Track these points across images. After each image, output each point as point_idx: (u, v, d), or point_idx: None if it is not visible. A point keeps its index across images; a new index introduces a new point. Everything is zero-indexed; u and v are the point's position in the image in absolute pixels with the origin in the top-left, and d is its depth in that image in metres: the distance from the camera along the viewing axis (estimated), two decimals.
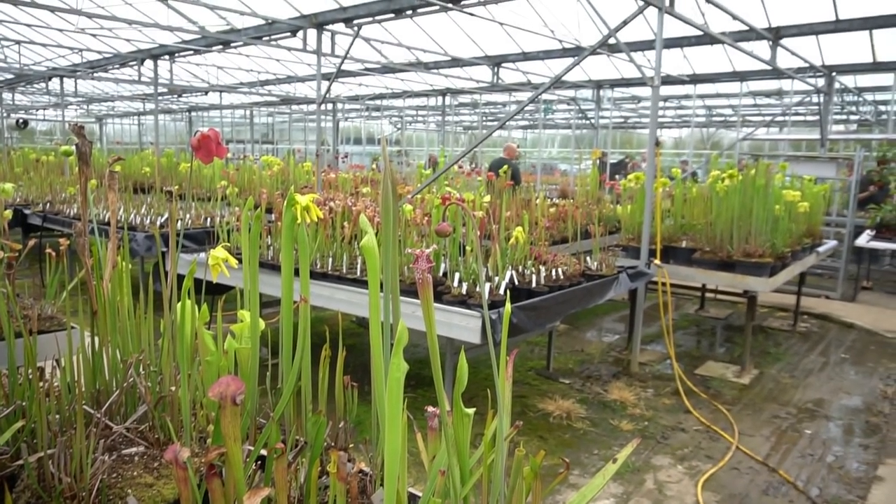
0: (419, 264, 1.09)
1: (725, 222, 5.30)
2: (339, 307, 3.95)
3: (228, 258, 1.64)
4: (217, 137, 1.35)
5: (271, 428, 1.23)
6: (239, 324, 1.45)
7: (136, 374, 1.57)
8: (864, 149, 11.01)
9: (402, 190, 7.14)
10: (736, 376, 5.19)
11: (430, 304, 1.06)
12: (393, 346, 0.91)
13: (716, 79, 12.35)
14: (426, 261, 1.09)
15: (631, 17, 5.29)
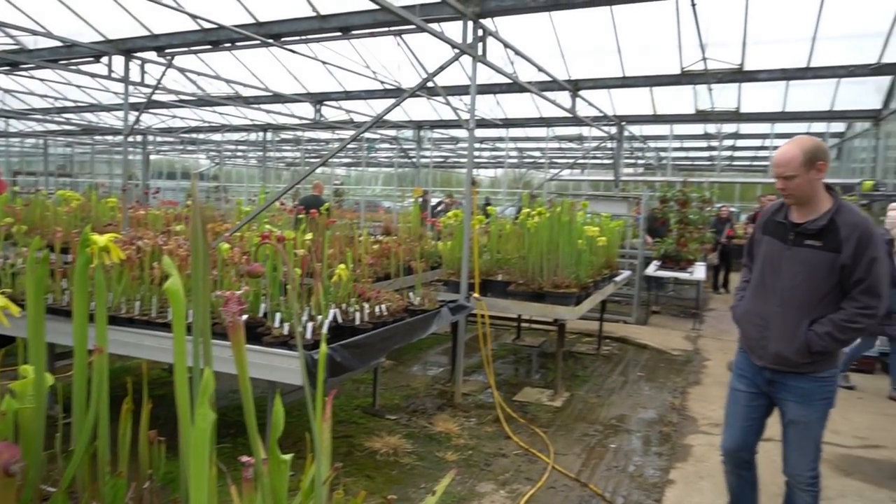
0: (229, 307, 1.05)
1: (536, 256, 5.70)
2: (147, 355, 3.64)
3: (8, 305, 1.46)
4: None
5: (58, 498, 1.10)
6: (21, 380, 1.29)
7: None
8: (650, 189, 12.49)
9: (220, 228, 6.82)
10: (550, 400, 5.54)
11: (242, 348, 1.02)
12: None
13: (526, 123, 13.37)
14: (237, 303, 1.05)
15: (447, 64, 5.58)
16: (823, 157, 2.66)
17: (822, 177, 2.67)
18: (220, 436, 4.29)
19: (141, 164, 17.92)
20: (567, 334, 7.01)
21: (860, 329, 2.63)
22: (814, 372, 2.74)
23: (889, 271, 2.60)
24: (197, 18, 7.03)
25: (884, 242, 2.57)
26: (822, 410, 2.80)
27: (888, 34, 7.26)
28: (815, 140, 2.71)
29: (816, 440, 2.81)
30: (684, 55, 8.18)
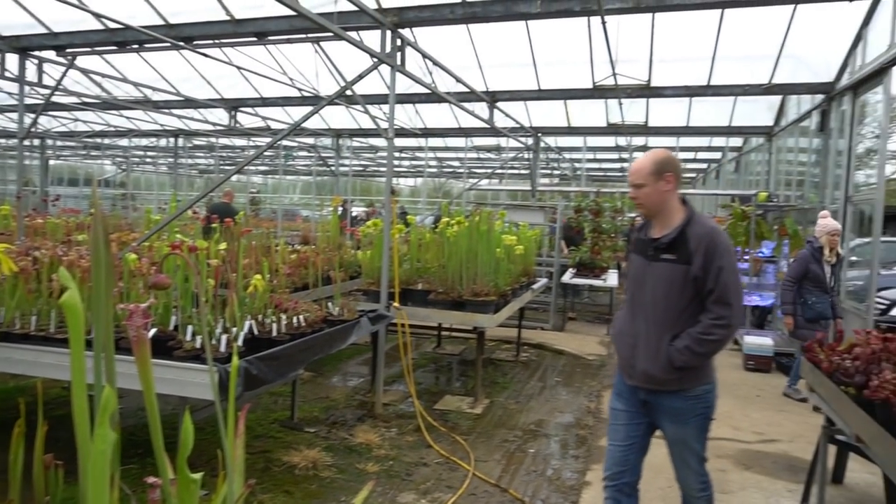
0: (134, 320, 1.00)
1: (455, 265, 5.75)
2: (46, 373, 3.42)
3: None
4: None
5: None
6: None
7: None
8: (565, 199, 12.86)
9: (128, 237, 6.50)
10: (470, 407, 5.58)
11: (147, 363, 0.98)
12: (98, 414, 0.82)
13: (445, 133, 13.50)
14: (142, 316, 1.01)
15: (366, 72, 5.56)
16: (672, 170, 2.71)
17: (671, 189, 2.72)
18: (127, 456, 4.07)
19: (39, 170, 16.84)
20: (486, 342, 7.10)
21: (717, 341, 2.60)
22: (683, 390, 2.70)
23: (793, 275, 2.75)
24: (101, 17, 6.70)
25: (731, 251, 2.62)
26: (697, 427, 2.76)
27: (777, 58, 7.82)
28: (668, 153, 2.79)
29: (698, 454, 2.79)
30: (596, 70, 8.50)
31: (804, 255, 5.97)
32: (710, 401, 2.76)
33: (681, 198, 2.78)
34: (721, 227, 2.71)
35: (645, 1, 5.39)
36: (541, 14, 5.74)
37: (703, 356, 2.63)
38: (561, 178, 19.73)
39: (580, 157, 15.89)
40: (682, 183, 2.81)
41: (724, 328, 2.58)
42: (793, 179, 9.28)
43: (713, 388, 2.78)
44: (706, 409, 2.75)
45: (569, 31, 7.87)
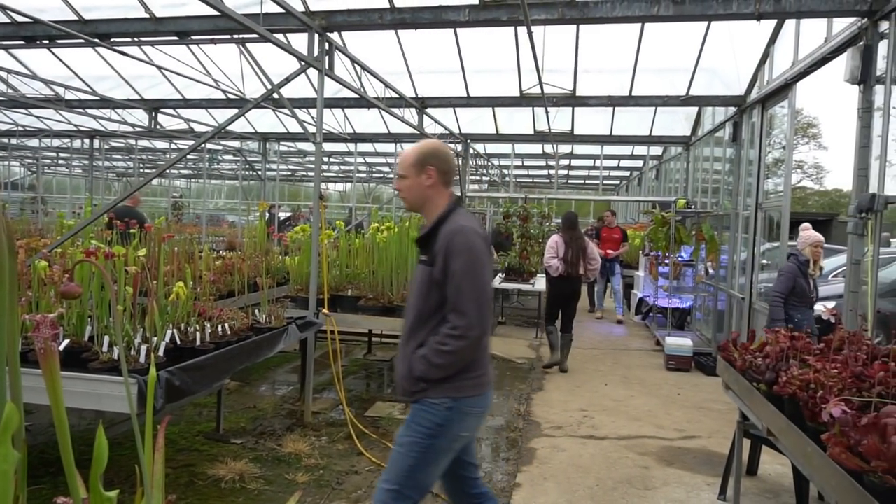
0: (41, 331, 0.95)
1: (385, 271, 5.73)
2: None
3: None
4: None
5: None
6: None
7: None
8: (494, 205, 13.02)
9: (38, 243, 6.14)
10: (402, 413, 5.56)
11: (56, 377, 0.92)
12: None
13: (374, 139, 13.44)
14: (50, 327, 0.95)
15: (293, 76, 5.47)
16: (435, 162, 2.49)
17: (433, 183, 2.50)
18: (37, 475, 3.84)
19: None
20: None
21: (451, 352, 2.32)
22: (425, 399, 2.43)
23: (782, 290, 2.58)
24: (6, 9, 6.32)
25: (472, 252, 2.34)
26: (417, 435, 2.40)
27: (693, 71, 8.20)
28: (436, 145, 2.58)
29: (398, 475, 2.40)
30: (524, 79, 8.66)
31: (791, 269, 5.58)
32: (442, 418, 2.39)
33: (451, 195, 2.55)
34: (472, 227, 2.41)
35: (569, 13, 5.55)
36: (469, 22, 5.82)
37: (439, 367, 2.34)
38: (490, 184, 19.99)
39: (508, 163, 16.15)
40: (451, 180, 2.58)
41: (456, 339, 2.30)
42: (709, 187, 9.74)
43: (456, 409, 2.40)
44: (436, 425, 2.38)
45: (497, 40, 7.99)
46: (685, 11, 5.36)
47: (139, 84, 10.35)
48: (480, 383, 2.47)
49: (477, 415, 2.49)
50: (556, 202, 13.42)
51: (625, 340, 9.55)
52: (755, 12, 5.17)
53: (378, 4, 5.96)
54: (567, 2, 5.50)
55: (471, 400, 2.43)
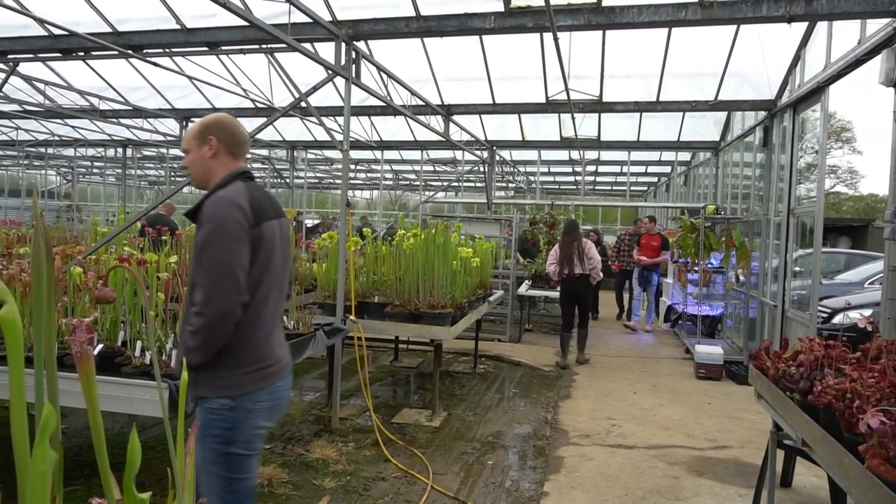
0: (77, 335, 0.96)
1: (412, 277, 5.74)
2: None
3: None
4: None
5: None
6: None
7: None
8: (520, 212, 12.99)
9: (73, 250, 6.28)
10: (428, 420, 5.56)
11: (92, 380, 0.94)
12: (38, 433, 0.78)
13: (400, 146, 13.51)
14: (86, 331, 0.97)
15: (320, 84, 5.53)
16: (217, 133, 2.32)
17: (215, 154, 2.33)
18: (73, 477, 3.91)
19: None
20: (444, 354, 7.10)
21: (195, 332, 2.10)
22: (202, 398, 2.20)
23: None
24: (45, 23, 6.50)
25: (221, 222, 2.12)
26: (213, 451, 2.18)
27: (722, 75, 8.10)
28: (221, 116, 2.39)
29: (223, 486, 2.20)
30: (550, 85, 8.64)
31: None
32: (228, 421, 2.18)
33: (237, 168, 2.35)
34: (231, 197, 2.18)
35: (595, 19, 5.52)
36: (495, 29, 5.83)
37: (193, 351, 2.12)
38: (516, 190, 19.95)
39: (535, 170, 16.11)
40: (238, 151, 2.39)
41: (196, 316, 2.10)
42: (739, 192, 9.59)
43: (239, 408, 2.20)
44: (225, 430, 2.18)
45: (523, 47, 7.99)
46: (713, 15, 5.31)
47: (170, 94, 10.56)
48: (263, 376, 2.25)
49: (268, 408, 2.28)
50: (583, 208, 13.35)
51: (653, 348, 9.43)
52: (786, 15, 5.09)
53: (404, 13, 6.01)
54: (593, 8, 5.48)
55: (254, 395, 2.21)
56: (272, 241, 2.27)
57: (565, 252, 8.03)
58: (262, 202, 2.27)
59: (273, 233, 2.29)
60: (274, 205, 2.39)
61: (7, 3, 5.54)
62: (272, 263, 2.27)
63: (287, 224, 2.49)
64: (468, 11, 5.81)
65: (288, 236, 2.47)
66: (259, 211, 2.22)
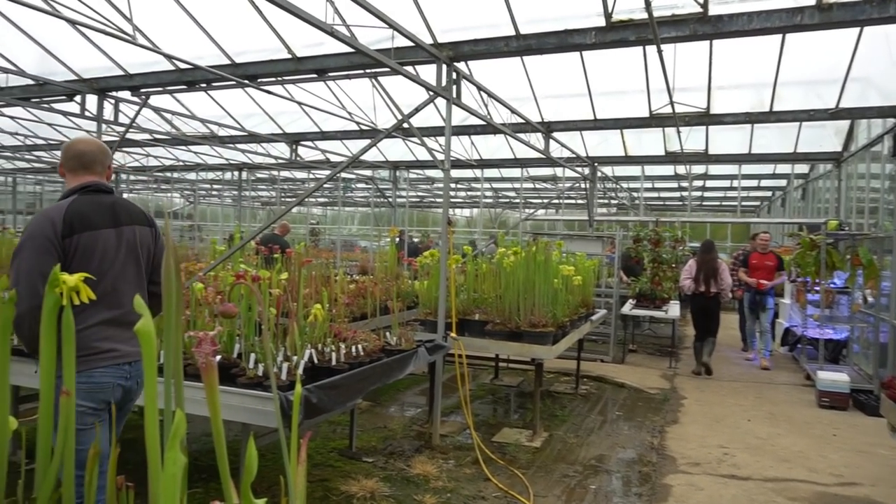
0: (202, 347, 1.03)
1: (513, 295, 5.71)
2: None
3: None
4: None
5: None
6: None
7: None
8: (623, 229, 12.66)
9: (194, 267, 6.74)
10: (529, 440, 5.48)
11: (215, 390, 1.00)
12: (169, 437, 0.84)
13: (500, 164, 13.54)
14: (210, 343, 1.04)
15: (422, 105, 5.66)
16: (61, 160, 2.74)
17: (64, 176, 2.75)
18: (191, 480, 4.16)
19: None
20: (545, 373, 6.99)
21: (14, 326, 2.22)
22: None
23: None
24: (172, 59, 7.07)
25: (27, 231, 2.52)
26: None
27: (844, 81, 7.56)
28: (66, 143, 2.78)
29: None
30: (653, 99, 8.40)
31: None
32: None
33: (82, 183, 2.68)
34: (47, 211, 2.57)
35: (701, 29, 5.32)
36: (595, 45, 5.75)
37: (21, 340, 2.47)
38: (619, 207, 19.46)
39: (638, 186, 15.66)
40: (76, 166, 2.71)
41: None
42: (865, 207, 8.88)
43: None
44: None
45: (624, 61, 7.82)
46: (833, 18, 4.98)
47: (282, 119, 11.15)
48: (80, 362, 2.40)
49: (85, 390, 2.45)
50: (690, 225, 12.81)
51: (769, 374, 8.85)
52: None
53: (503, 33, 6.05)
54: (699, 18, 5.29)
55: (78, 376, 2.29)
56: (93, 247, 2.57)
57: (704, 270, 8.49)
58: (86, 215, 2.59)
59: (97, 240, 2.59)
60: (114, 214, 2.69)
61: (142, 42, 6.06)
62: (97, 266, 2.55)
63: (135, 231, 2.75)
64: (568, 28, 5.77)
65: (133, 241, 2.73)
66: (77, 223, 2.54)
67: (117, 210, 2.72)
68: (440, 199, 19.51)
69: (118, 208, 2.74)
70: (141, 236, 2.78)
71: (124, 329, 2.68)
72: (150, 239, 2.84)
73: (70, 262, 2.52)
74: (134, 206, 2.87)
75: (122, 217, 2.72)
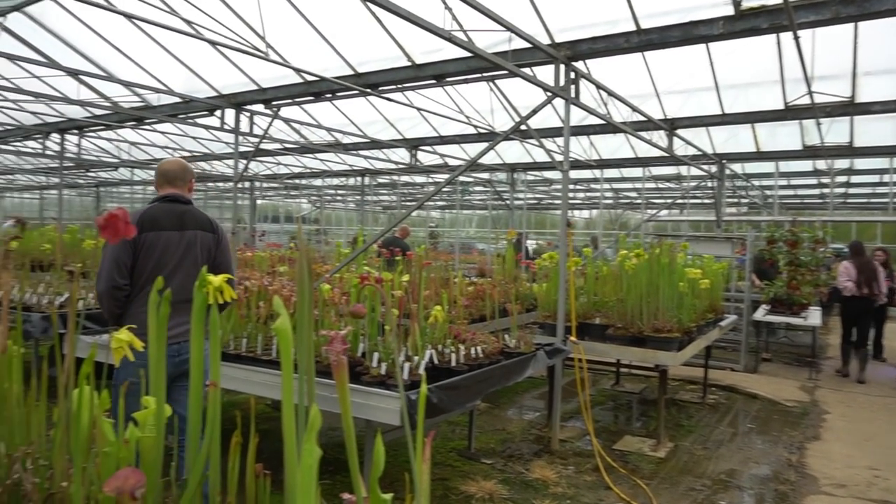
0: (334, 346, 1.08)
1: (635, 299, 5.53)
2: (253, 390, 3.79)
3: (133, 340, 1.56)
4: (125, 217, 1.32)
5: None
6: (142, 410, 1.37)
7: (22, 469, 1.44)
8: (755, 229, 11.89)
9: (321, 269, 7.08)
10: (652, 450, 5.28)
11: (346, 387, 1.04)
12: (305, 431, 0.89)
13: (620, 164, 13.15)
14: (341, 342, 1.08)
15: (540, 107, 5.62)
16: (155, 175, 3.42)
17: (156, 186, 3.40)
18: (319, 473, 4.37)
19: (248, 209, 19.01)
20: (669, 381, 6.70)
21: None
22: None
23: None
24: (301, 72, 7.47)
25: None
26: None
27: None
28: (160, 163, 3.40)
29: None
30: (788, 90, 7.82)
31: None
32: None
33: (158, 195, 3.34)
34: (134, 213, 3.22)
35: (844, 11, 4.89)
36: (723, 35, 5.45)
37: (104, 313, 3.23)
38: (750, 206, 18.31)
39: (771, 183, 14.64)
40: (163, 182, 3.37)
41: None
42: None
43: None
44: (117, 370, 2.92)
45: (755, 50, 7.33)
46: None
47: (401, 125, 11.47)
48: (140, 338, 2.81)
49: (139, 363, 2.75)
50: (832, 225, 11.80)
51: None
52: None
53: (623, 28, 5.88)
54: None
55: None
56: (156, 244, 3.17)
57: (865, 273, 8.39)
58: (157, 218, 3.21)
59: (160, 238, 3.18)
60: (181, 220, 3.26)
61: (274, 58, 6.46)
62: (158, 261, 3.16)
63: (197, 234, 3.29)
64: (693, 19, 5.51)
65: (194, 242, 3.27)
66: (147, 224, 3.15)
67: (185, 217, 3.29)
68: (558, 201, 19.25)
69: (187, 216, 3.30)
70: (202, 239, 3.31)
71: (180, 313, 3.06)
72: (211, 242, 3.36)
73: (138, 254, 3.16)
74: (202, 215, 3.41)
75: (189, 223, 3.28)
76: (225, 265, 3.44)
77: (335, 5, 7.09)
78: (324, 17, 7.17)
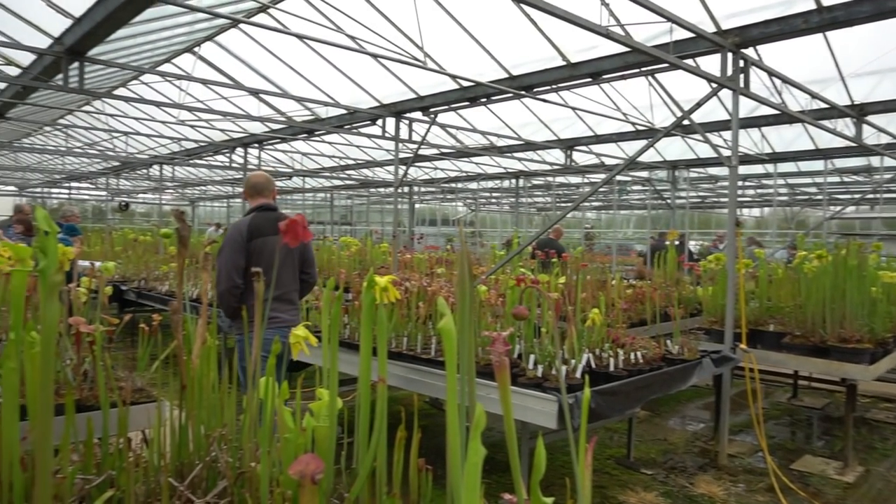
0: (496, 347, 1.09)
1: (816, 305, 5.03)
2: (413, 388, 3.94)
3: (309, 337, 1.69)
4: (304, 222, 1.43)
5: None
6: (317, 402, 1.48)
7: (218, 448, 1.61)
8: None
9: (476, 270, 7.20)
10: (838, 473, 4.77)
11: (507, 388, 1.05)
12: (470, 429, 0.91)
13: (797, 157, 12.05)
14: (503, 343, 1.09)
15: (705, 99, 5.30)
16: (245, 188, 4.11)
17: (246, 199, 4.10)
18: None
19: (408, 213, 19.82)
20: (859, 397, 6.02)
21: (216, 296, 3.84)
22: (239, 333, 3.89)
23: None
24: (457, 78, 7.65)
25: (226, 237, 3.78)
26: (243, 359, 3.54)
27: None
28: (248, 175, 4.09)
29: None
30: None
31: None
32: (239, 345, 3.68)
33: (255, 206, 3.96)
34: (238, 224, 3.89)
35: None
36: None
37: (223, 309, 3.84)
38: None
39: None
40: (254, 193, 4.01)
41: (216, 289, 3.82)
42: None
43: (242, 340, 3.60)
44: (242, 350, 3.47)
45: None
46: None
47: (556, 126, 11.35)
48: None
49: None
50: None
51: None
52: None
53: (800, 8, 5.37)
54: None
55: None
56: (263, 248, 3.74)
57: None
58: (260, 226, 3.78)
59: (266, 243, 3.76)
60: (277, 226, 3.50)
61: (431, 66, 6.68)
62: (266, 261, 3.64)
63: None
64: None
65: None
66: (255, 231, 3.75)
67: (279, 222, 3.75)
68: (725, 199, 18.00)
69: (280, 221, 3.71)
70: None
71: (284, 303, 3.88)
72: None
73: (251, 257, 3.70)
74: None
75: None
76: (310, 259, 4.10)
77: (489, 10, 7.19)
78: (478, 22, 7.29)
